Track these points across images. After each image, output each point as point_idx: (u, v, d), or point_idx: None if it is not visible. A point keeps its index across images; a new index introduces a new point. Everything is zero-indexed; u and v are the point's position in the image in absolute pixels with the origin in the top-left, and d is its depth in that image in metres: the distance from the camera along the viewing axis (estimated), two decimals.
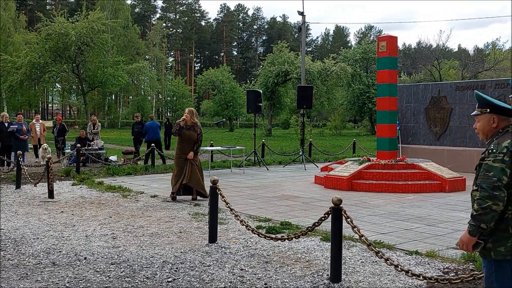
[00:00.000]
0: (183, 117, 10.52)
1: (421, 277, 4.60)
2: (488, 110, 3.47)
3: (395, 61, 13.38)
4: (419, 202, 10.36)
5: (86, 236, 7.31)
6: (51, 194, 10.79)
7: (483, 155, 3.38)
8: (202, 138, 10.67)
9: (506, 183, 3.19)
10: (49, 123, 42.42)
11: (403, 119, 17.80)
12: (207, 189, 8.18)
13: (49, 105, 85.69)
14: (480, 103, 3.53)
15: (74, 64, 37.87)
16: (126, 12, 69.96)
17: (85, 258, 6.15)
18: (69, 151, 17.62)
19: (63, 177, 14.31)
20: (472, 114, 3.64)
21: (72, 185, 12.82)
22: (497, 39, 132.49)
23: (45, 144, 17.95)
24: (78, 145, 16.06)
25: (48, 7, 78.73)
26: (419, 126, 17.46)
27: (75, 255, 6.31)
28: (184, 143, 10.45)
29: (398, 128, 15.82)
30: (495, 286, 3.33)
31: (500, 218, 3.26)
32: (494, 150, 3.29)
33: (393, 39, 13.26)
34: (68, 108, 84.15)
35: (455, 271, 5.62)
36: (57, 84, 49.42)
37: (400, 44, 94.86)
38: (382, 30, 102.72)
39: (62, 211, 9.27)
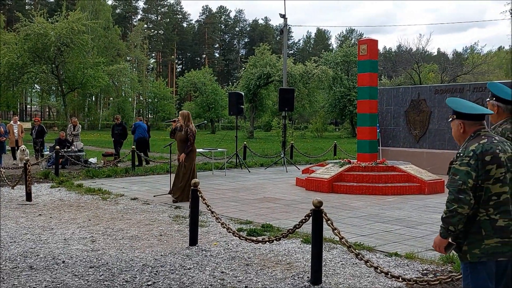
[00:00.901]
0: (175, 119, 11.18)
1: (400, 279, 4.64)
2: (455, 116, 3.54)
3: (376, 64, 13.47)
4: (399, 204, 10.44)
5: (65, 239, 7.23)
6: (29, 196, 10.64)
7: (452, 159, 3.45)
8: (193, 140, 10.91)
9: (472, 185, 3.25)
10: (28, 125, 41.93)
11: (383, 121, 17.93)
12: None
13: (28, 106, 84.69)
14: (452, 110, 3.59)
15: (53, 65, 37.50)
16: (106, 13, 69.42)
17: (63, 262, 6.07)
18: (48, 153, 17.40)
19: (41, 180, 14.15)
20: (449, 121, 3.70)
21: (51, 187, 12.68)
22: (475, 43, 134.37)
23: (23, 146, 17.71)
24: (57, 147, 15.88)
25: (27, 7, 77.80)
26: (399, 128, 17.60)
27: (53, 258, 6.23)
28: (178, 145, 11.00)
29: (378, 130, 15.93)
30: (469, 286, 3.38)
31: (472, 221, 3.33)
32: (461, 154, 3.37)
33: (374, 43, 13.35)
34: (47, 110, 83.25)
35: (433, 272, 5.67)
36: (36, 85, 48.92)
37: (380, 48, 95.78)
38: (363, 34, 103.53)
39: (40, 214, 9.15)
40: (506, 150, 3.41)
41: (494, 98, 4.52)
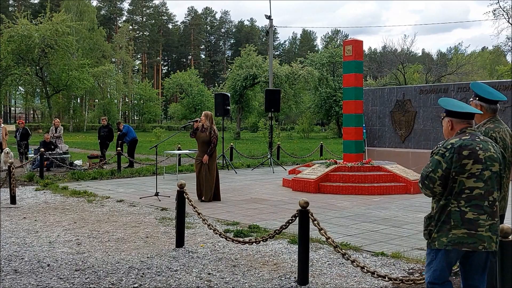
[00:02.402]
0: (197, 119, 11.01)
1: (386, 278, 4.66)
2: (445, 114, 3.77)
3: (361, 65, 13.53)
4: (385, 204, 10.49)
5: (50, 242, 7.17)
6: (13, 199, 10.54)
7: (433, 149, 3.71)
8: (216, 141, 10.89)
9: (440, 175, 3.52)
10: (12, 127, 41.53)
11: (369, 122, 18.01)
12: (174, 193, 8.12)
13: (12, 108, 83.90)
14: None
15: (37, 67, 37.22)
16: (91, 14, 68.96)
17: (48, 265, 6.02)
18: (32, 155, 17.25)
19: (26, 182, 14.02)
20: (441, 119, 3.92)
21: (36, 190, 12.57)
22: (459, 43, 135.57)
23: (7, 149, 17.52)
24: (42, 149, 15.75)
25: (10, 8, 77.07)
26: (384, 129, 17.70)
27: (38, 262, 6.17)
28: (200, 146, 10.89)
29: (364, 131, 16.00)
30: (431, 273, 3.64)
31: (444, 211, 3.57)
32: (440, 145, 3.63)
33: (359, 43, 13.42)
34: (32, 112, 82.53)
35: (419, 271, 5.70)
36: (20, 87, 48.49)
37: (366, 48, 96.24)
38: (348, 35, 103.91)
39: (24, 217, 9.07)
40: (488, 149, 3.59)
41: (477, 98, 4.58)
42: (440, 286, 3.66)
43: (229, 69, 52.85)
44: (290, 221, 5.52)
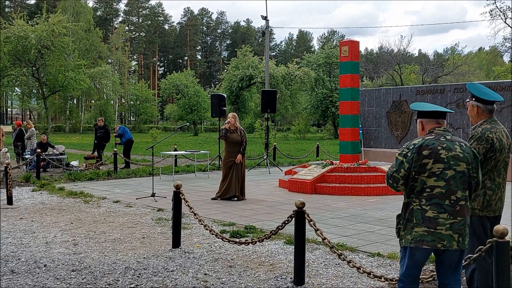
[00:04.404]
0: (227, 120, 11.07)
1: (382, 279, 4.67)
2: (416, 116, 3.90)
3: (357, 65, 13.55)
4: (381, 204, 10.51)
5: (46, 242, 7.16)
6: (10, 200, 10.52)
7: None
8: (246, 140, 11.15)
9: (403, 175, 3.63)
10: (9, 128, 41.45)
11: (365, 123, 18.04)
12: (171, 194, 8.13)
13: (8, 109, 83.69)
14: None
15: (34, 68, 37.11)
16: (87, 15, 68.87)
17: (45, 265, 6.02)
18: (29, 156, 17.22)
19: (22, 183, 13.99)
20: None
21: (32, 191, 12.55)
22: (456, 44, 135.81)
23: (4, 148, 17.50)
24: (38, 150, 15.72)
25: (7, 9, 76.93)
26: (381, 130, 17.73)
27: (34, 262, 6.17)
28: (230, 146, 10.96)
29: (360, 131, 16.03)
30: (401, 271, 3.75)
31: (407, 209, 3.69)
32: (404, 146, 3.72)
33: (355, 44, 13.44)
34: (28, 113, 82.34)
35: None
36: (16, 88, 48.32)
37: (362, 49, 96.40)
38: (344, 35, 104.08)
39: (21, 218, 9.06)
40: (452, 149, 3.65)
41: (473, 99, 4.59)
42: (406, 284, 3.74)
43: (225, 70, 52.87)
44: (286, 221, 5.52)
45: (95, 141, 19.67)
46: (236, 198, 10.97)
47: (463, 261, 4.09)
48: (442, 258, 3.70)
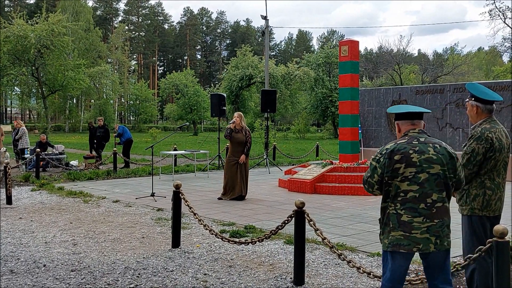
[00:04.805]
0: (233, 120, 11.07)
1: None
2: (394, 119, 3.86)
3: (357, 65, 13.55)
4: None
5: (46, 242, 7.15)
6: (9, 200, 10.52)
7: None
8: (251, 141, 11.16)
9: (377, 180, 3.63)
10: (8, 128, 41.42)
11: (365, 122, 18.04)
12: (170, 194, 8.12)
13: (8, 109, 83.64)
14: None
15: (33, 67, 37.05)
16: (87, 15, 68.82)
17: (44, 265, 6.01)
18: (28, 155, 17.21)
19: (22, 183, 13.99)
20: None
21: (32, 190, 12.54)
22: (455, 44, 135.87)
23: (4, 148, 17.48)
24: (38, 149, 15.71)
25: (6, 8, 76.90)
26: (380, 129, 17.73)
27: (34, 262, 6.16)
28: (235, 146, 10.97)
29: (360, 131, 16.03)
30: (384, 275, 3.74)
31: (384, 213, 3.69)
32: (378, 151, 3.71)
33: (355, 44, 13.44)
34: (28, 112, 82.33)
35: (415, 272, 5.72)
36: (16, 87, 48.29)
37: (362, 49, 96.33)
38: (344, 35, 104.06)
39: (20, 218, 9.05)
40: (426, 152, 3.60)
41: (473, 99, 4.58)
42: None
43: (225, 70, 52.92)
44: (286, 221, 5.52)
45: (95, 141, 19.68)
46: (242, 198, 10.95)
47: (463, 261, 4.09)
48: (427, 260, 3.69)
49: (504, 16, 42.97)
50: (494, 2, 43.79)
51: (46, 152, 17.45)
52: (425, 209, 3.56)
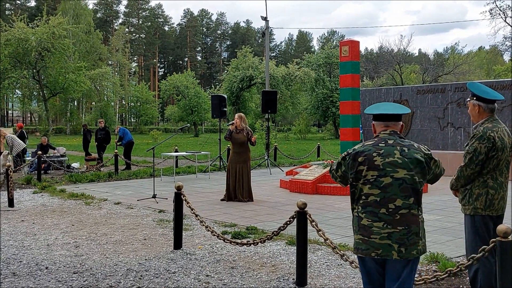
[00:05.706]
0: (232, 121, 11.10)
1: None
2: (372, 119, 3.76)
3: (357, 65, 13.54)
4: None
5: (48, 245, 7.15)
6: (11, 202, 10.52)
7: None
8: (255, 137, 11.17)
9: (339, 175, 3.66)
10: (10, 130, 41.37)
11: (366, 122, 18.02)
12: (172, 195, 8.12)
13: (9, 111, 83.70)
14: None
15: (34, 70, 37.15)
16: (88, 17, 68.91)
17: (46, 268, 6.01)
18: (30, 158, 17.22)
19: (23, 185, 13.99)
20: None
21: (33, 193, 12.54)
22: (456, 43, 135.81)
23: (6, 151, 17.49)
24: (39, 152, 15.72)
25: (7, 12, 76.97)
26: None
27: (36, 264, 6.16)
28: (236, 147, 10.96)
29: (361, 131, 16.01)
30: (363, 277, 3.64)
31: (352, 216, 3.62)
32: (349, 149, 3.67)
33: (355, 44, 13.42)
34: (29, 115, 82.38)
35: (418, 272, 5.70)
36: (17, 90, 48.37)
37: (362, 49, 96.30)
38: (344, 35, 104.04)
39: (22, 220, 9.05)
40: (391, 155, 3.44)
41: (474, 98, 4.57)
42: None
43: (226, 71, 52.88)
44: (288, 222, 5.51)
45: (96, 143, 19.68)
46: (246, 200, 10.94)
47: (466, 261, 4.07)
48: (387, 267, 3.49)
49: (504, 15, 43.01)
50: (495, 1, 43.84)
51: (47, 155, 17.45)
52: (386, 214, 3.39)
